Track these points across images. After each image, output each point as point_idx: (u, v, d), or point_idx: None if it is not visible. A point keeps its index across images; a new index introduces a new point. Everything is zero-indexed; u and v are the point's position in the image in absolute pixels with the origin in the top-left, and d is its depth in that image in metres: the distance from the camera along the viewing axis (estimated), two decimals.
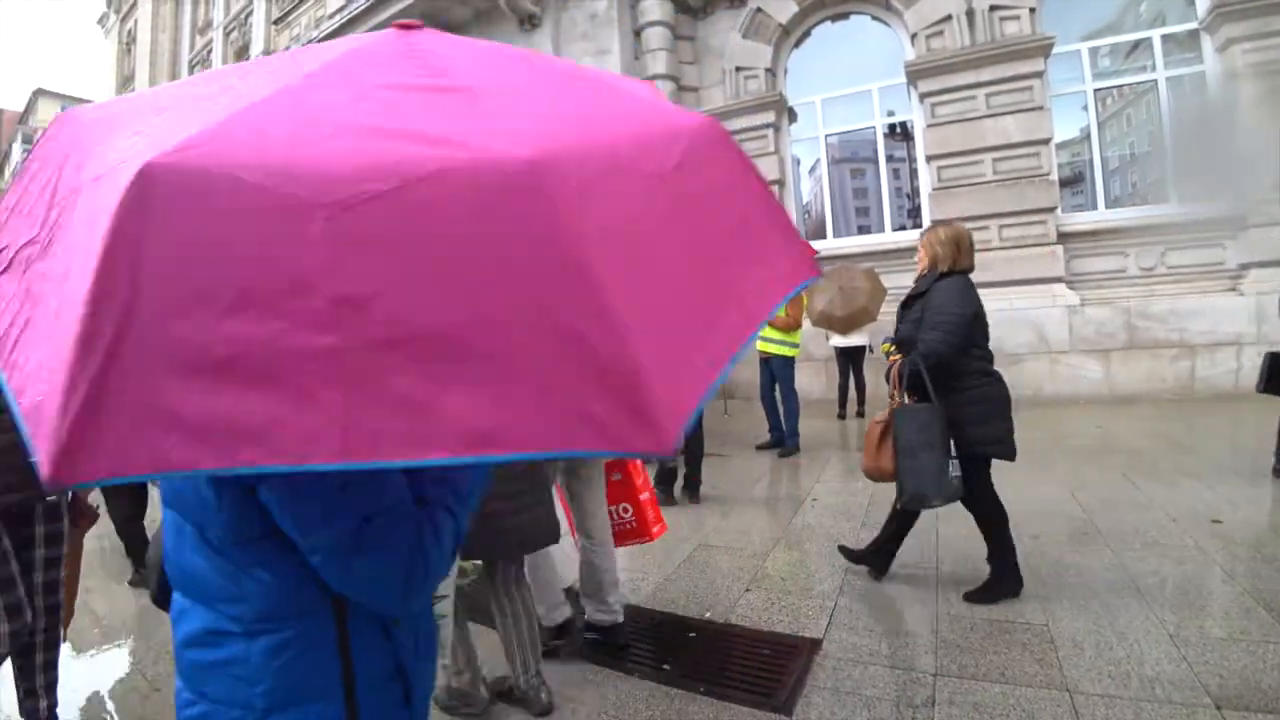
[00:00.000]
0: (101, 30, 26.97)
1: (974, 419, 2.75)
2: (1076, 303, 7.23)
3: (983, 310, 2.89)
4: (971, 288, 2.94)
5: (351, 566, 0.81)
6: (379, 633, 0.90)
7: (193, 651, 0.89)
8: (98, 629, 3.18)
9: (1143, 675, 2.12)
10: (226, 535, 0.83)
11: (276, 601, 0.84)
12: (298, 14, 12.48)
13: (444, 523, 0.88)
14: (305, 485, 0.78)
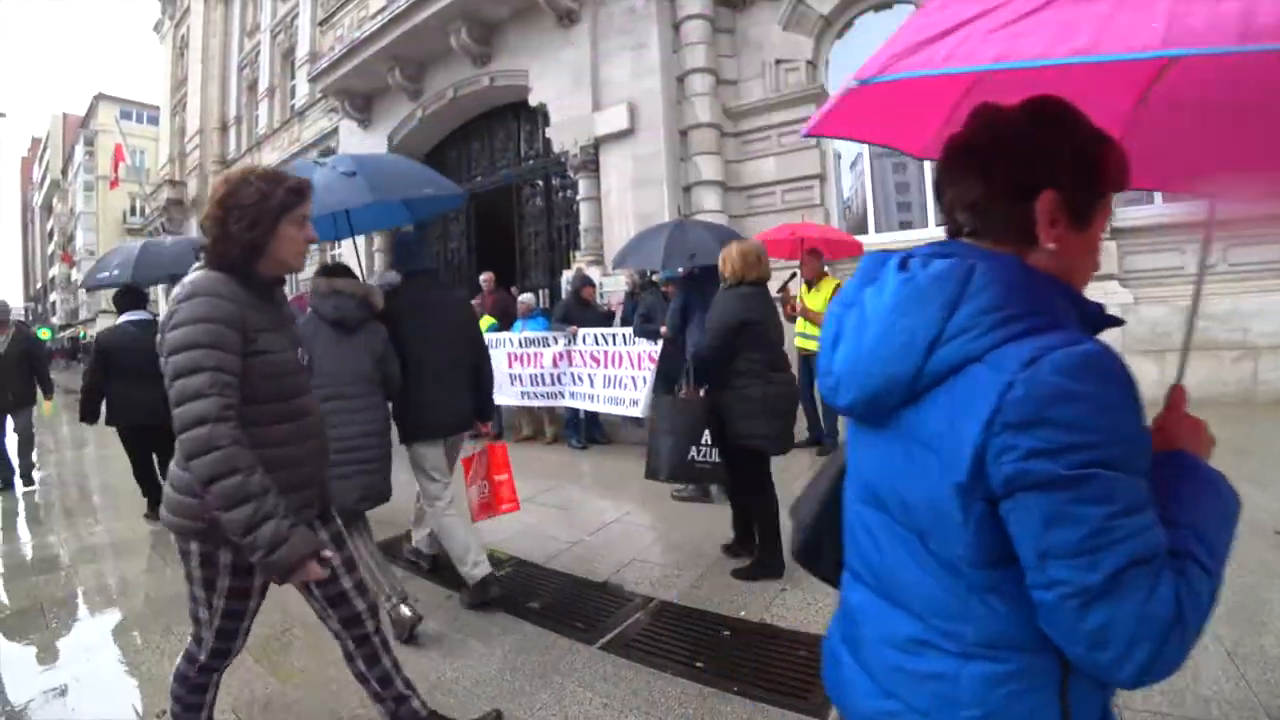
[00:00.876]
0: (157, 36, 28.00)
1: (740, 415, 3.10)
2: (1130, 301, 6.96)
3: (759, 319, 3.14)
4: (749, 299, 3.18)
5: (1088, 616, 0.67)
6: (1098, 684, 0.80)
7: (891, 653, 0.86)
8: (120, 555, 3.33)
9: (1198, 694, 2.04)
10: (968, 555, 0.76)
11: (1003, 630, 0.77)
12: (341, 15, 12.74)
13: (1201, 585, 0.71)
14: (1072, 510, 0.68)
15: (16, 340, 6.06)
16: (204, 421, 1.41)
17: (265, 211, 1.55)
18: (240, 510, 1.41)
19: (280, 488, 1.53)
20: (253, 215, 1.54)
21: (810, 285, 5.94)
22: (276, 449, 1.60)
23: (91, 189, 45.60)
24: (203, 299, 1.50)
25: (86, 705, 2.44)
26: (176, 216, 23.82)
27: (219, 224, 1.54)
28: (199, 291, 1.50)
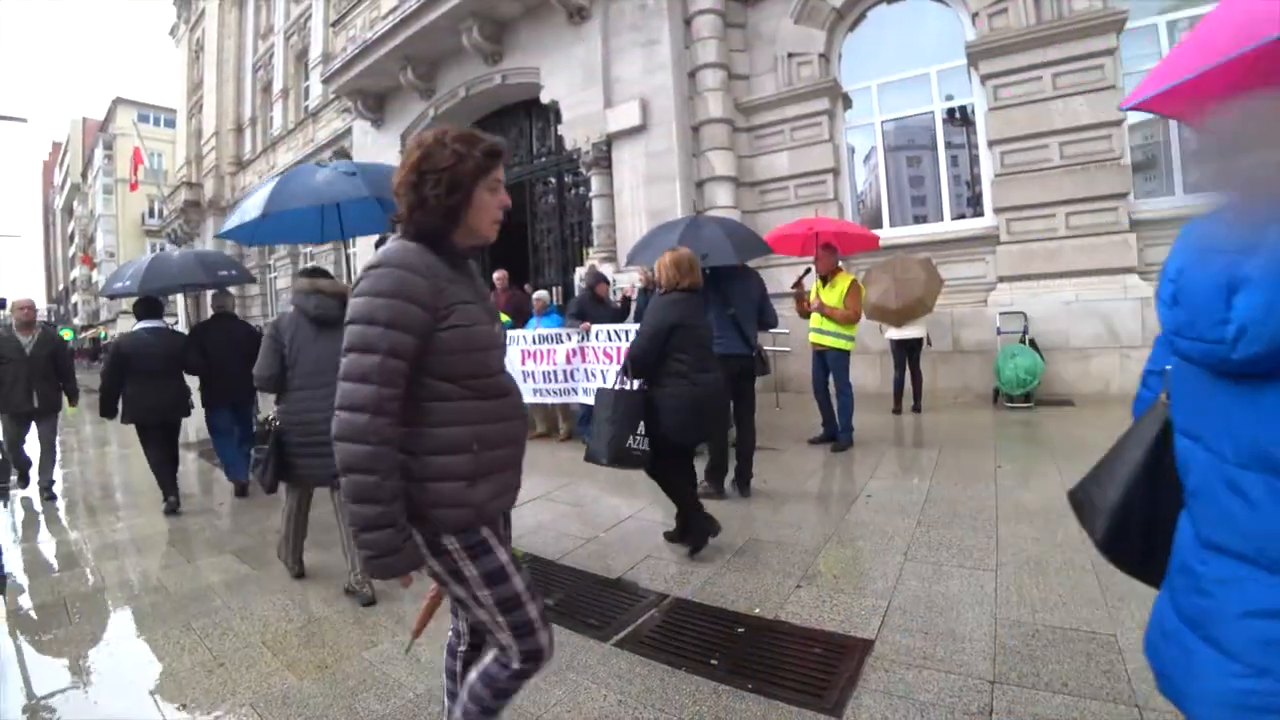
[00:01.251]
0: (173, 40, 28.30)
1: (666, 409, 3.39)
2: (1150, 294, 6.85)
3: (689, 323, 3.46)
4: (681, 304, 3.48)
5: None
6: None
7: (1263, 623, 0.84)
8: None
9: None
10: None
11: None
12: (354, 15, 12.81)
13: None
14: None
15: (43, 342, 5.85)
16: (365, 410, 1.35)
17: (462, 174, 1.45)
18: (368, 509, 1.36)
19: (496, 467, 1.52)
20: (450, 179, 1.44)
21: (825, 280, 5.90)
22: (496, 425, 1.53)
23: (111, 191, 46.25)
24: (391, 270, 1.39)
25: (107, 700, 2.47)
26: (194, 218, 24.10)
27: (414, 190, 1.45)
28: (388, 262, 1.41)
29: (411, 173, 1.45)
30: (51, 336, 6.13)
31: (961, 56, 7.91)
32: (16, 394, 5.65)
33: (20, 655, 2.92)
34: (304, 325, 3.24)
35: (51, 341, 6.01)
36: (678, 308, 3.46)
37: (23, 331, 5.80)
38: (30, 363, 5.69)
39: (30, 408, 5.73)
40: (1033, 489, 4.22)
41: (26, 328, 5.84)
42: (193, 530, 4.69)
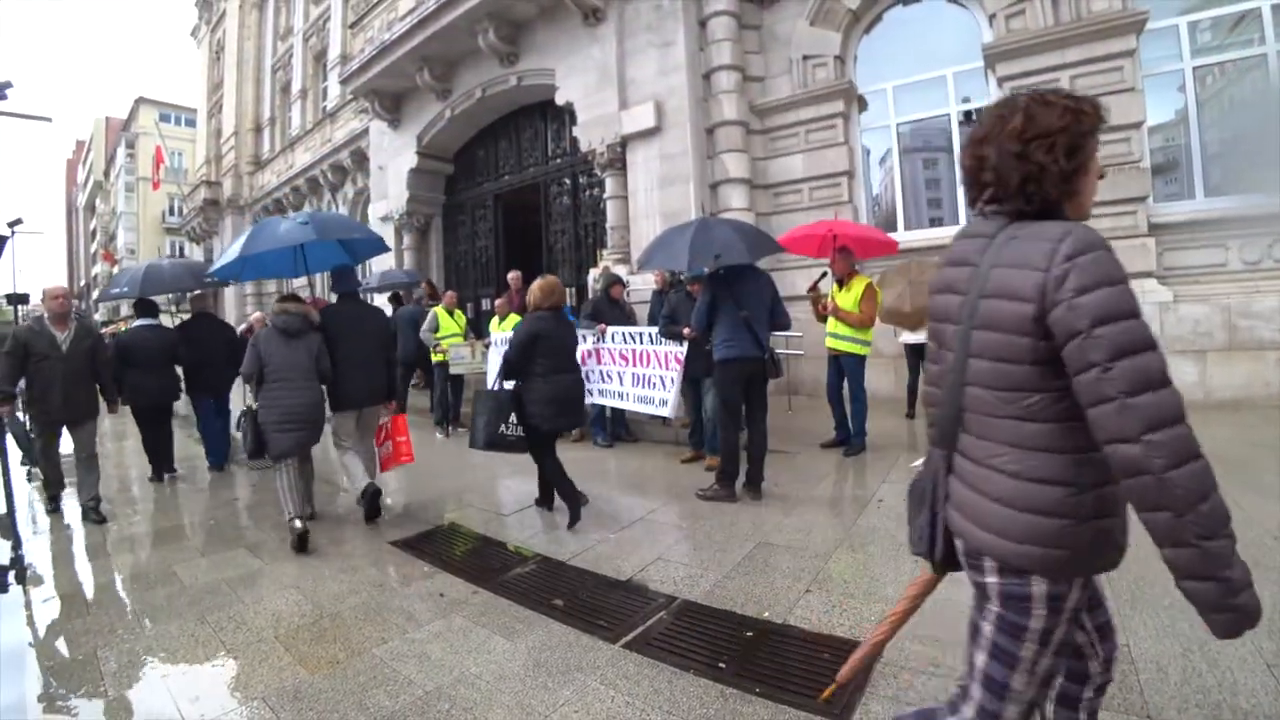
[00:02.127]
0: (194, 41, 28.65)
1: (531, 403, 4.26)
2: (1169, 299, 6.76)
3: (548, 335, 4.30)
4: (544, 320, 4.34)
5: None
6: None
7: None
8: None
9: (1236, 707, 1.98)
10: None
11: None
12: (371, 17, 12.91)
13: None
14: None
15: (80, 336, 5.05)
16: (1181, 419, 1.11)
17: (1081, 135, 1.23)
18: (1225, 544, 1.10)
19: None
20: (1068, 141, 1.21)
21: (841, 284, 5.87)
22: None
23: (132, 190, 46.88)
24: (1110, 253, 1.16)
25: (123, 689, 2.51)
26: (212, 216, 24.39)
27: (1022, 160, 1.23)
28: (1098, 242, 1.16)
29: (1014, 142, 1.24)
30: (89, 329, 5.34)
31: (978, 58, 7.85)
32: (52, 399, 4.87)
33: (38, 645, 2.98)
34: (275, 336, 4.34)
35: (90, 335, 5.23)
36: (541, 323, 4.33)
37: (57, 325, 5.00)
38: (67, 361, 4.92)
39: (67, 415, 4.99)
40: None
41: (61, 320, 5.03)
42: (206, 524, 4.76)
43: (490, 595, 3.23)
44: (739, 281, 4.70)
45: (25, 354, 4.79)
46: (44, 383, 4.87)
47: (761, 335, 4.60)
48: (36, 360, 4.82)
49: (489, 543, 4.06)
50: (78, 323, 5.15)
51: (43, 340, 4.88)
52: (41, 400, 4.91)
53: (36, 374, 4.84)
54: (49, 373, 4.85)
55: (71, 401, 4.97)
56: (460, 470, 6.20)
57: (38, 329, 4.96)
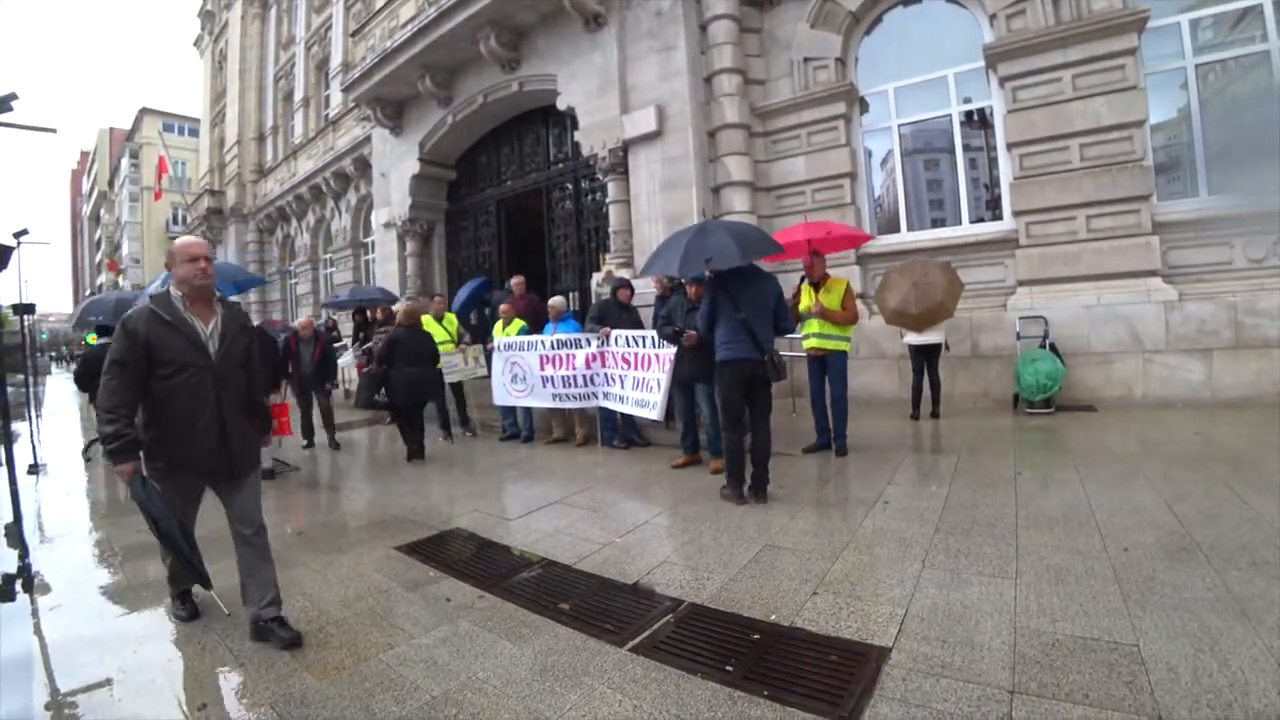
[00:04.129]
0: (197, 51, 28.82)
1: (390, 387, 6.82)
2: (1174, 298, 6.74)
3: (403, 341, 6.67)
4: (402, 333, 6.95)
5: None
6: None
7: None
8: None
9: (1247, 707, 1.96)
10: None
11: None
12: (373, 25, 12.98)
13: None
14: None
15: (233, 330, 2.94)
16: None
17: None
18: None
19: None
20: None
21: (818, 286, 5.92)
22: None
23: (136, 199, 47.14)
24: None
25: (129, 698, 2.51)
26: (216, 225, 24.48)
27: None
28: None
29: None
30: (244, 323, 3.04)
31: (979, 59, 7.85)
32: (201, 439, 2.80)
33: (45, 653, 2.98)
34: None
35: (245, 330, 3.03)
36: (400, 333, 7.01)
37: (198, 309, 2.85)
38: (220, 371, 2.84)
39: (220, 466, 2.88)
40: (1053, 496, 4.16)
41: (205, 301, 2.89)
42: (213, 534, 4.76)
43: (496, 600, 3.22)
44: (738, 284, 4.69)
45: (147, 362, 2.69)
46: (187, 409, 2.76)
47: (762, 337, 4.57)
48: (168, 373, 2.72)
49: (495, 547, 4.06)
50: (224, 310, 2.93)
51: (177, 337, 2.74)
52: (176, 442, 2.77)
53: (168, 397, 2.73)
54: (193, 393, 2.76)
55: (229, 441, 2.86)
56: (465, 476, 6.20)
57: (166, 316, 2.74)
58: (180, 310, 2.79)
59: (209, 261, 2.87)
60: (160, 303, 2.78)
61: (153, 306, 2.75)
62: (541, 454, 7.02)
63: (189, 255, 2.83)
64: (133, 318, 2.74)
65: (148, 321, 2.73)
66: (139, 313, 2.76)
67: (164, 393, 2.74)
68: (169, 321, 2.75)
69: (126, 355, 2.68)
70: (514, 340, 7.44)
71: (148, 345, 2.70)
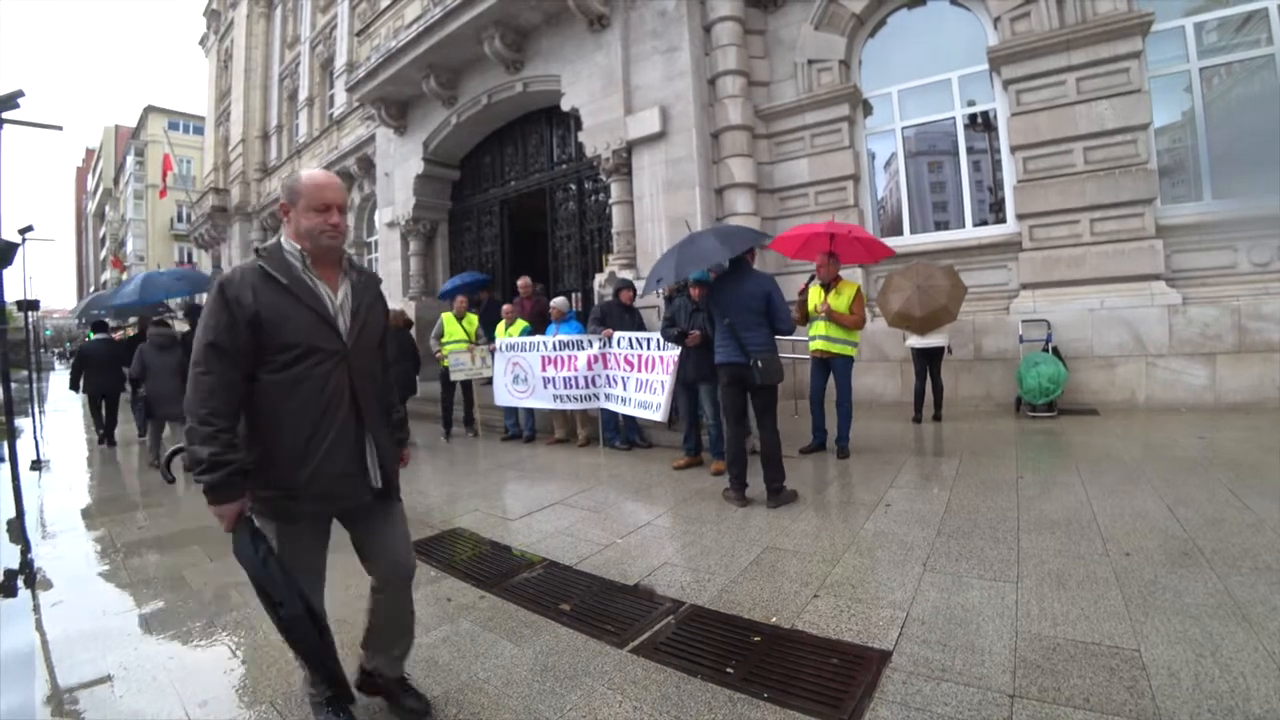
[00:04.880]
0: (202, 50, 28.90)
1: None
2: (1178, 301, 6.73)
3: None
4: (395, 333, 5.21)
5: None
6: None
7: None
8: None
9: (1249, 713, 1.96)
10: None
11: None
12: (378, 25, 12.98)
13: None
14: None
15: (367, 299, 2.13)
16: None
17: None
18: None
19: None
20: None
21: (828, 288, 5.91)
22: None
23: (141, 197, 47.29)
24: None
25: (130, 696, 2.52)
26: (220, 223, 24.55)
27: None
28: None
29: None
30: (379, 293, 2.25)
31: (983, 61, 7.84)
32: (333, 456, 1.96)
33: (46, 649, 2.99)
34: (151, 349, 7.12)
35: (381, 304, 2.25)
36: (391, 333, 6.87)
37: (323, 273, 2.02)
38: (356, 360, 2.02)
39: (350, 491, 2.04)
40: (1055, 500, 4.15)
41: (332, 264, 2.07)
42: (215, 530, 4.76)
43: (497, 600, 3.23)
44: (723, 288, 4.69)
45: (254, 345, 1.88)
46: (302, 416, 1.93)
47: (749, 340, 4.49)
48: (286, 360, 1.91)
49: (496, 547, 4.06)
50: (355, 275, 2.13)
51: (298, 310, 1.93)
52: (296, 463, 1.93)
53: (283, 397, 1.91)
54: (315, 391, 1.94)
55: (372, 458, 2.09)
56: (467, 476, 6.21)
57: (282, 278, 1.92)
58: (299, 271, 1.94)
59: (344, 214, 2.02)
60: (273, 259, 1.93)
61: (263, 264, 1.91)
62: (543, 454, 7.02)
63: (320, 201, 1.94)
64: (234, 280, 1.87)
65: (257, 285, 1.87)
66: (244, 272, 1.90)
67: (276, 391, 1.88)
68: (286, 287, 1.89)
69: (226, 335, 1.82)
70: (516, 341, 7.45)
71: (257, 321, 1.84)
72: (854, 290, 5.88)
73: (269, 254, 1.96)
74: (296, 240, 1.99)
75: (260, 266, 1.91)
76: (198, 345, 1.84)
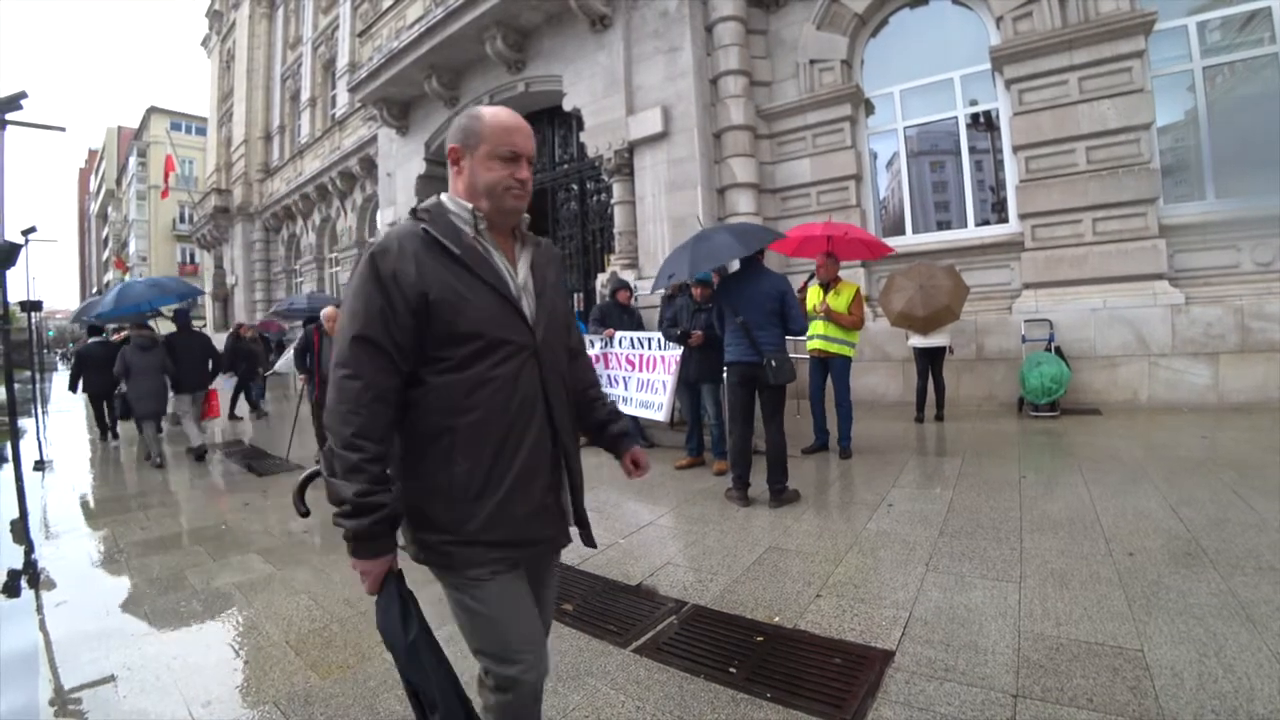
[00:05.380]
0: (205, 51, 28.95)
1: None
2: (1180, 301, 6.72)
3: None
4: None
5: None
6: None
7: None
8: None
9: (1253, 713, 1.95)
10: None
11: None
12: (380, 25, 12.99)
13: None
14: None
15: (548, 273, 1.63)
16: None
17: None
18: None
19: None
20: None
21: (827, 288, 5.90)
22: None
23: (144, 198, 47.37)
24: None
25: (133, 696, 2.52)
26: (222, 223, 24.60)
27: None
28: None
29: None
30: (560, 264, 1.78)
31: (985, 61, 7.83)
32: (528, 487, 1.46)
33: (50, 649, 3.00)
34: (134, 350, 7.37)
35: (564, 280, 1.78)
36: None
37: (499, 238, 1.53)
38: (546, 354, 1.52)
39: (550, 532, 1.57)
40: (1058, 499, 4.15)
41: (506, 233, 1.55)
42: (216, 530, 4.78)
43: None
44: (735, 287, 4.66)
45: (415, 338, 1.36)
46: (488, 434, 1.40)
47: (761, 339, 4.48)
48: (464, 356, 1.38)
49: None
50: (535, 243, 1.61)
51: (478, 289, 1.41)
52: (475, 492, 1.40)
53: (463, 406, 1.38)
54: (504, 397, 1.41)
55: (568, 484, 1.69)
56: None
57: (454, 246, 1.40)
58: (471, 239, 1.44)
59: (531, 165, 1.52)
60: (440, 223, 1.42)
61: (428, 227, 1.40)
62: None
63: (509, 147, 1.44)
64: (390, 249, 1.36)
65: (421, 256, 1.36)
66: (401, 239, 1.38)
67: (448, 398, 1.37)
68: (459, 259, 1.39)
69: (381, 324, 1.33)
70: None
71: (424, 304, 1.34)
72: (853, 291, 5.88)
73: (435, 217, 1.43)
74: (467, 198, 1.47)
75: (424, 231, 1.39)
76: (341, 341, 1.35)
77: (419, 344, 1.36)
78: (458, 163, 1.49)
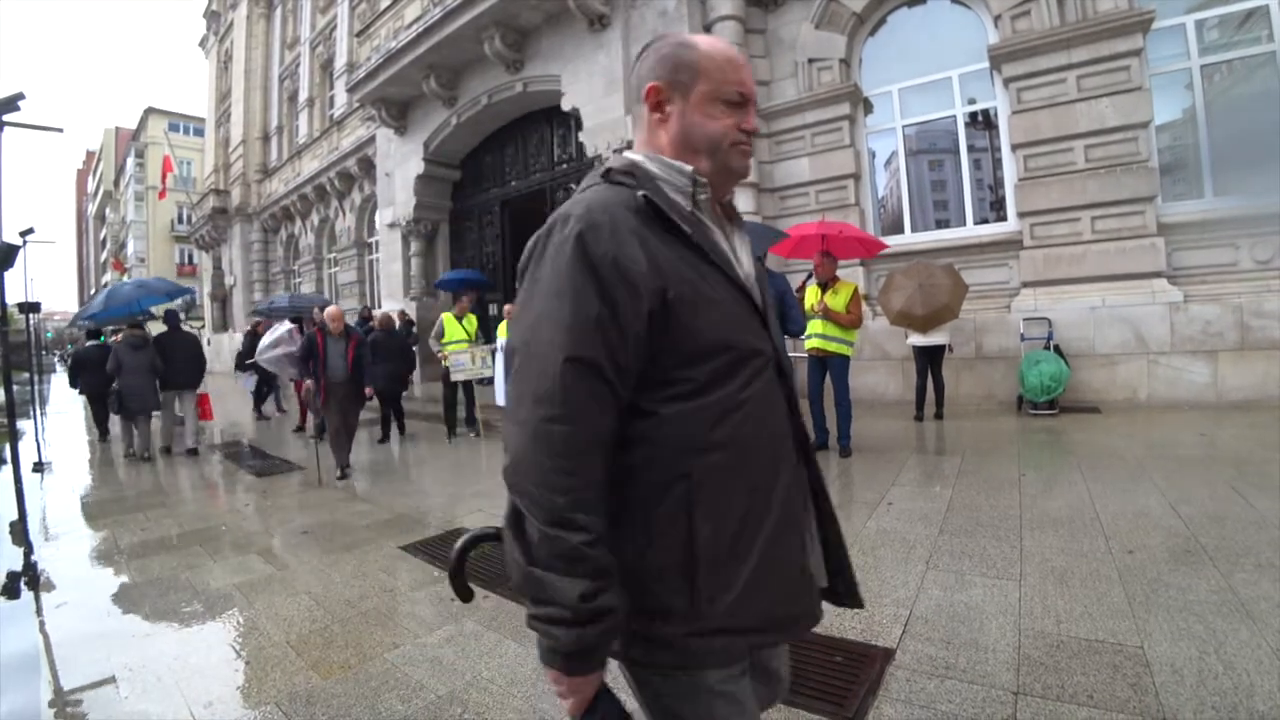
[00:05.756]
0: (203, 52, 28.93)
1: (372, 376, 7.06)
2: (1179, 299, 6.72)
3: (377, 341, 7.77)
4: (375, 334, 8.26)
5: None
6: None
7: None
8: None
9: (1252, 709, 1.96)
10: None
11: None
12: (378, 25, 13.00)
13: None
14: None
15: None
16: None
17: None
18: None
19: None
20: None
21: (825, 287, 5.90)
22: None
23: (142, 199, 47.33)
24: None
25: (134, 696, 2.52)
26: (220, 224, 24.58)
27: None
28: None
29: None
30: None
31: (984, 59, 7.84)
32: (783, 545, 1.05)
33: (50, 651, 3.00)
34: (125, 349, 7.73)
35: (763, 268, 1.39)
36: (379, 335, 8.40)
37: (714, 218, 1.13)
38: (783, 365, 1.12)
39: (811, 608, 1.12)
40: (1057, 497, 4.15)
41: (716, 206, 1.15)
42: (218, 531, 4.78)
43: (501, 600, 3.22)
44: None
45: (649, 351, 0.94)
46: (739, 472, 0.98)
47: None
48: (713, 372, 0.97)
49: (499, 547, 4.05)
50: (742, 223, 1.23)
51: (714, 285, 0.99)
52: (721, 560, 0.97)
53: (704, 440, 0.95)
54: (757, 425, 1.01)
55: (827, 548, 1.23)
56: (470, 476, 6.21)
57: (685, 226, 0.99)
58: (689, 213, 1.04)
59: (755, 112, 1.14)
60: (663, 195, 1.02)
61: (649, 195, 0.98)
62: None
63: (736, 87, 1.06)
64: (602, 228, 0.93)
65: (645, 236, 0.95)
66: (613, 213, 0.96)
67: (688, 436, 0.96)
68: (689, 239, 1.00)
69: (599, 340, 0.90)
70: None
71: (663, 305, 0.93)
72: (851, 290, 5.88)
73: (639, 181, 1.03)
74: (679, 156, 1.06)
75: (646, 200, 0.98)
76: (538, 364, 0.91)
77: (649, 363, 0.94)
78: (660, 108, 1.07)
